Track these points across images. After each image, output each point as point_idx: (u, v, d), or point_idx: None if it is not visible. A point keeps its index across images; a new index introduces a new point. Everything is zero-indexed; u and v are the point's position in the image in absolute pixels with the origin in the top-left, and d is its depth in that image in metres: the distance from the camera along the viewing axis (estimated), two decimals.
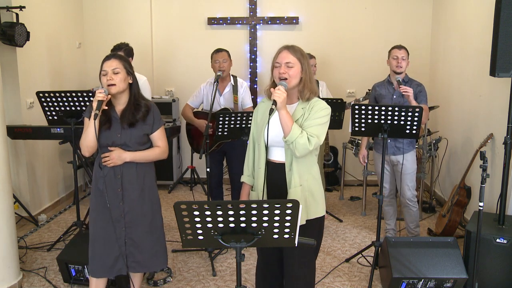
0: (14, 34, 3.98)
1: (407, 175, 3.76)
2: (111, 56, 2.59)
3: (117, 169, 2.60)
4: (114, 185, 2.60)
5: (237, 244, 1.89)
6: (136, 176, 2.64)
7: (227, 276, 3.50)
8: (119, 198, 2.61)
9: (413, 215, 3.87)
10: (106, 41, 4.59)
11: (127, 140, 2.59)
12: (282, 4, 5.69)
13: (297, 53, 2.33)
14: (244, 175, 2.55)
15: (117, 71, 2.52)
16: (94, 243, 2.68)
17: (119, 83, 2.52)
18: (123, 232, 2.63)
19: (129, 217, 2.63)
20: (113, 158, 2.56)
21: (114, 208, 2.61)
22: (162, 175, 5.68)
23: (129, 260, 2.66)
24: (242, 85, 4.20)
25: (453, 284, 3.06)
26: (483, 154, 2.69)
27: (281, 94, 2.20)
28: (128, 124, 2.58)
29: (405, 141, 3.71)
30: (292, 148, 2.25)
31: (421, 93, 3.70)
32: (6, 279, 3.14)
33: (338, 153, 5.73)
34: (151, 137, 2.68)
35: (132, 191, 2.63)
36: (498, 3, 3.08)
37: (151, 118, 2.65)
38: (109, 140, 2.57)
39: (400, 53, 3.72)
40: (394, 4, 5.61)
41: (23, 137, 4.03)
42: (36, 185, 4.67)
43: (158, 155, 2.71)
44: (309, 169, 2.37)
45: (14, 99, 4.34)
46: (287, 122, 2.22)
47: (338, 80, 5.67)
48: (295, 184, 2.32)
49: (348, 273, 3.55)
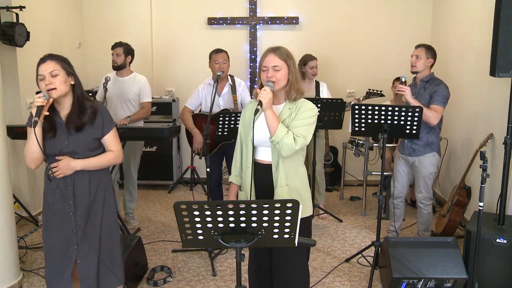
0: (14, 34, 3.98)
1: (419, 177, 3.73)
2: (46, 57, 2.35)
3: (68, 179, 2.36)
4: (65, 197, 2.36)
5: (237, 244, 1.89)
6: (89, 185, 2.41)
7: (227, 276, 3.50)
8: (71, 211, 2.36)
9: (423, 217, 3.83)
10: (106, 41, 4.58)
11: (75, 147, 2.35)
12: (282, 4, 5.69)
13: (283, 55, 2.34)
14: (232, 175, 2.56)
15: (55, 73, 2.29)
16: (49, 263, 2.43)
17: (59, 86, 2.29)
18: (74, 251, 2.38)
19: (80, 233, 2.38)
20: (62, 168, 2.32)
21: (65, 224, 2.37)
22: (162, 175, 5.69)
23: (84, 285, 2.40)
24: (240, 84, 4.20)
25: (453, 284, 3.06)
26: (483, 154, 2.69)
27: (266, 94, 2.22)
28: (74, 129, 2.34)
29: (420, 142, 3.64)
30: (278, 148, 2.27)
31: (436, 93, 3.56)
32: (6, 279, 3.14)
33: (338, 153, 5.73)
34: (103, 141, 2.44)
35: (83, 203, 2.39)
36: (498, 3, 3.08)
37: (100, 120, 2.40)
38: (55, 149, 2.34)
39: (415, 52, 3.64)
40: (394, 4, 5.61)
41: (23, 137, 4.00)
42: (36, 185, 4.67)
43: (111, 160, 2.46)
44: (296, 169, 2.39)
45: (14, 99, 4.35)
46: (273, 123, 2.25)
47: (338, 80, 5.67)
48: (282, 184, 2.34)
49: (348, 273, 3.55)
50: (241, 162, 2.51)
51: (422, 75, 3.68)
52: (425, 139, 3.65)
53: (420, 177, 3.73)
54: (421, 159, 3.69)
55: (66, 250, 2.39)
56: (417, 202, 3.84)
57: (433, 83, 3.64)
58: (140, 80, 4.24)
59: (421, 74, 3.68)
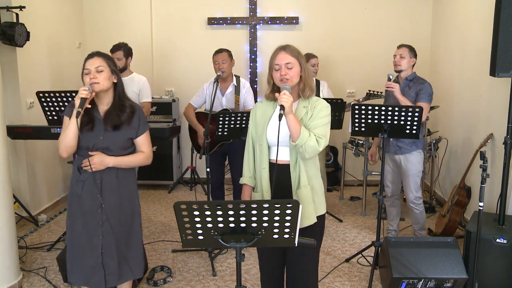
0: (14, 34, 3.98)
1: (409, 176, 3.73)
2: (94, 54, 2.46)
3: (97, 174, 2.43)
4: (93, 190, 2.44)
5: (237, 244, 1.89)
6: (116, 182, 2.49)
7: (227, 276, 3.50)
8: (97, 205, 2.45)
9: (416, 217, 3.83)
10: (106, 41, 4.58)
11: (109, 144, 2.43)
12: (282, 4, 5.69)
13: (294, 52, 2.32)
14: (245, 177, 2.49)
15: (101, 69, 2.40)
16: (72, 250, 2.53)
17: (102, 81, 2.39)
18: (99, 241, 2.47)
19: (107, 225, 2.46)
20: (95, 163, 2.40)
21: (92, 215, 2.46)
22: (162, 175, 5.69)
23: (106, 273, 2.50)
24: (245, 85, 4.19)
25: (453, 284, 3.06)
26: (483, 154, 2.69)
27: (288, 98, 2.18)
28: (112, 127, 2.43)
29: (407, 140, 3.68)
30: (302, 151, 2.24)
31: (421, 91, 3.65)
32: (6, 279, 3.14)
33: (338, 153, 5.73)
34: (135, 141, 2.53)
35: (111, 197, 2.47)
36: (498, 3, 3.08)
37: (137, 121, 2.49)
38: (90, 143, 2.42)
39: (399, 51, 3.74)
40: (394, 4, 5.62)
41: (23, 137, 4.02)
42: (36, 185, 4.67)
43: (142, 161, 2.54)
44: (314, 169, 2.38)
45: (14, 99, 4.35)
46: (296, 126, 2.21)
47: (338, 80, 5.67)
48: (304, 184, 2.31)
49: (348, 273, 3.55)
50: (254, 163, 2.46)
51: (405, 74, 3.75)
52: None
53: (409, 176, 3.72)
54: (407, 157, 3.71)
55: (91, 239, 2.47)
56: (408, 203, 3.81)
57: (417, 82, 3.72)
58: (139, 80, 4.24)
59: (404, 73, 3.75)
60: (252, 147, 2.48)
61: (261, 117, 2.41)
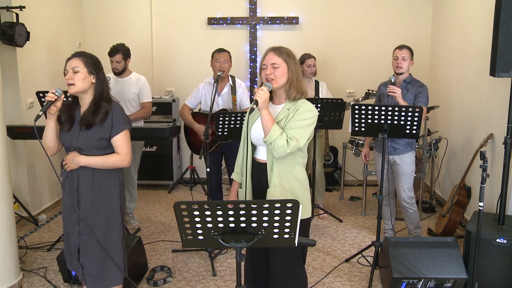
0: (14, 34, 3.98)
1: (402, 176, 3.74)
2: (74, 54, 2.46)
3: (74, 173, 2.48)
4: (72, 188, 2.50)
5: (237, 244, 1.89)
6: (91, 182, 2.48)
7: (227, 276, 3.50)
8: (75, 203, 2.48)
9: (411, 217, 3.85)
10: (106, 41, 4.58)
11: (82, 144, 2.45)
12: (282, 4, 5.69)
13: (283, 54, 2.34)
14: (234, 172, 2.60)
15: (77, 70, 2.39)
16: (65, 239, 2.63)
17: (78, 82, 2.39)
18: (77, 239, 2.50)
19: (83, 225, 2.48)
20: (68, 162, 2.47)
21: (71, 213, 2.51)
22: (162, 175, 5.69)
23: (84, 272, 2.52)
24: (241, 85, 4.20)
25: (453, 284, 3.06)
26: (483, 154, 2.69)
27: (263, 94, 2.22)
28: (85, 126, 2.43)
29: (402, 142, 3.68)
30: (271, 149, 2.27)
31: (420, 94, 3.65)
32: (6, 279, 3.14)
33: (338, 153, 5.73)
34: (112, 142, 2.50)
35: (86, 198, 2.48)
36: (498, 3, 3.08)
37: (110, 122, 2.46)
38: (67, 142, 2.48)
39: (401, 53, 3.69)
40: (394, 5, 5.62)
41: (23, 137, 4.02)
42: (36, 185, 4.67)
43: (115, 162, 2.49)
44: (291, 170, 2.36)
45: (14, 99, 4.35)
46: (268, 123, 2.25)
47: (338, 80, 5.67)
48: (275, 184, 2.34)
49: (348, 273, 3.55)
50: (243, 160, 2.52)
51: (404, 76, 3.74)
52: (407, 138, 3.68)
53: (403, 175, 3.73)
54: (402, 158, 3.72)
55: (71, 236, 2.54)
56: (401, 202, 3.81)
57: (415, 84, 3.71)
58: (139, 80, 4.24)
59: (403, 76, 3.73)
60: (243, 145, 2.53)
61: (252, 117, 2.46)
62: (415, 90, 3.66)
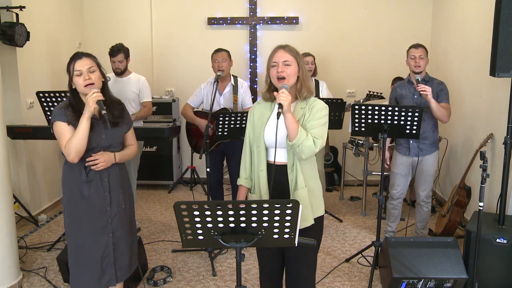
0: (14, 34, 3.98)
1: (426, 176, 3.73)
2: (81, 55, 2.43)
3: (104, 172, 2.46)
4: (100, 189, 2.46)
5: (237, 244, 1.89)
6: (120, 176, 2.56)
7: (227, 276, 3.50)
8: (106, 203, 2.47)
9: (423, 215, 3.85)
10: (106, 41, 4.58)
11: (112, 141, 2.47)
12: (282, 4, 5.69)
13: (293, 52, 2.32)
14: (241, 178, 2.48)
15: (93, 69, 2.40)
16: (78, 256, 2.49)
17: (96, 81, 2.40)
18: (110, 239, 2.49)
19: (115, 221, 2.51)
20: (104, 161, 2.43)
21: (101, 214, 2.47)
22: (162, 175, 5.69)
23: (117, 268, 2.53)
24: (243, 85, 4.20)
25: (453, 284, 3.06)
26: (483, 154, 2.69)
27: (286, 97, 2.17)
28: (113, 124, 2.44)
29: (427, 141, 3.66)
30: (298, 151, 2.22)
31: (442, 92, 3.62)
32: (6, 279, 3.14)
33: (338, 153, 5.73)
34: (126, 135, 2.59)
35: (117, 192, 2.53)
36: (498, 3, 3.08)
37: (127, 115, 2.58)
38: (94, 143, 2.41)
39: (418, 52, 3.64)
40: (394, 4, 5.61)
41: (23, 137, 4.02)
42: (36, 185, 4.67)
43: (134, 152, 2.65)
44: (313, 169, 2.36)
45: (14, 99, 4.35)
46: (293, 126, 2.19)
47: (338, 80, 5.67)
48: (301, 185, 2.30)
49: (348, 273, 3.55)
50: (251, 165, 2.45)
51: (421, 75, 3.69)
52: (432, 138, 3.69)
53: (427, 175, 3.73)
54: (427, 158, 3.70)
55: (100, 239, 2.48)
56: (419, 201, 3.82)
57: (434, 82, 3.67)
58: (139, 80, 4.24)
59: (421, 75, 3.69)
60: (249, 148, 2.46)
61: (259, 118, 2.40)
62: (435, 88, 3.61)
